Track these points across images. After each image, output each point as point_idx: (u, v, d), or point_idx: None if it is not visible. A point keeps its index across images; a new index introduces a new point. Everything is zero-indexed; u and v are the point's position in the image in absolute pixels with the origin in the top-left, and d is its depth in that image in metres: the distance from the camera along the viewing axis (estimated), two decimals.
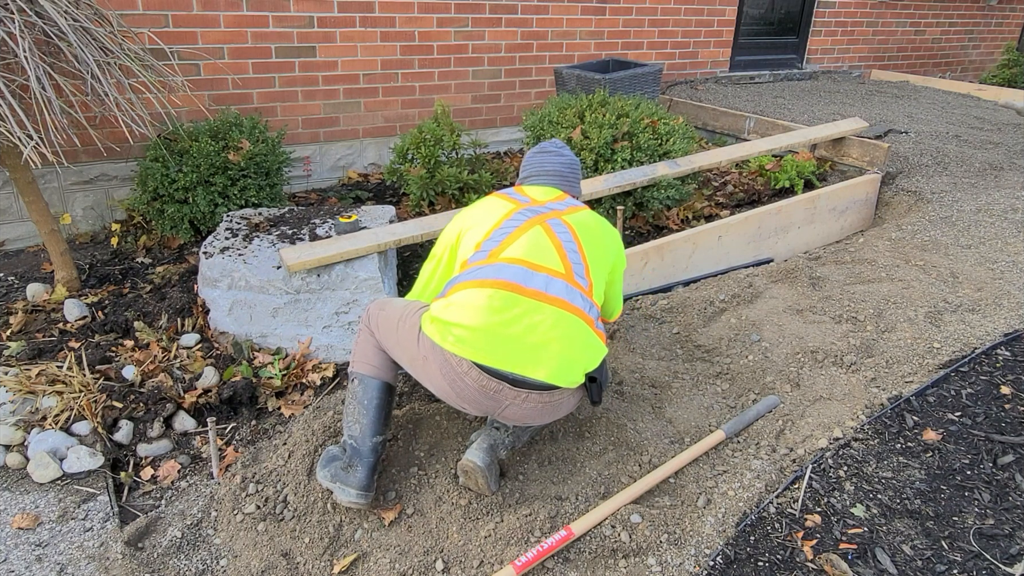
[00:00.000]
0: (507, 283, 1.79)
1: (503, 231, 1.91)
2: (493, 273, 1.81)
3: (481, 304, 1.77)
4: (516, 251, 1.86)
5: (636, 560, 1.79)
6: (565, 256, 1.88)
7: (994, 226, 3.61)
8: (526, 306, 1.77)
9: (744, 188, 4.26)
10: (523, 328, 1.76)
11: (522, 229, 1.90)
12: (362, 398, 1.99)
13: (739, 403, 2.40)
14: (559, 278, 1.84)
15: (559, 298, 1.81)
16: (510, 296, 1.77)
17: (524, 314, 1.77)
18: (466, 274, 1.86)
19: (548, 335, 1.77)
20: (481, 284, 1.80)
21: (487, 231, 1.93)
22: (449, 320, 1.78)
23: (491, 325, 1.75)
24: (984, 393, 2.35)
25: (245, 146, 3.39)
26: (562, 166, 2.17)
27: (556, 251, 1.88)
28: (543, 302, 1.79)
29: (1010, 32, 8.20)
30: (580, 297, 1.85)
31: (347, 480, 1.93)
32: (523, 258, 1.84)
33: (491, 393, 1.78)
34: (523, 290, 1.79)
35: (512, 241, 1.88)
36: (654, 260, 3.12)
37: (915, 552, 1.79)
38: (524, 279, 1.80)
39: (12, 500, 2.05)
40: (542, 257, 1.86)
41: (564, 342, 1.79)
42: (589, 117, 3.69)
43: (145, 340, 2.67)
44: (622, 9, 5.27)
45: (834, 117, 4.90)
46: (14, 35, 2.34)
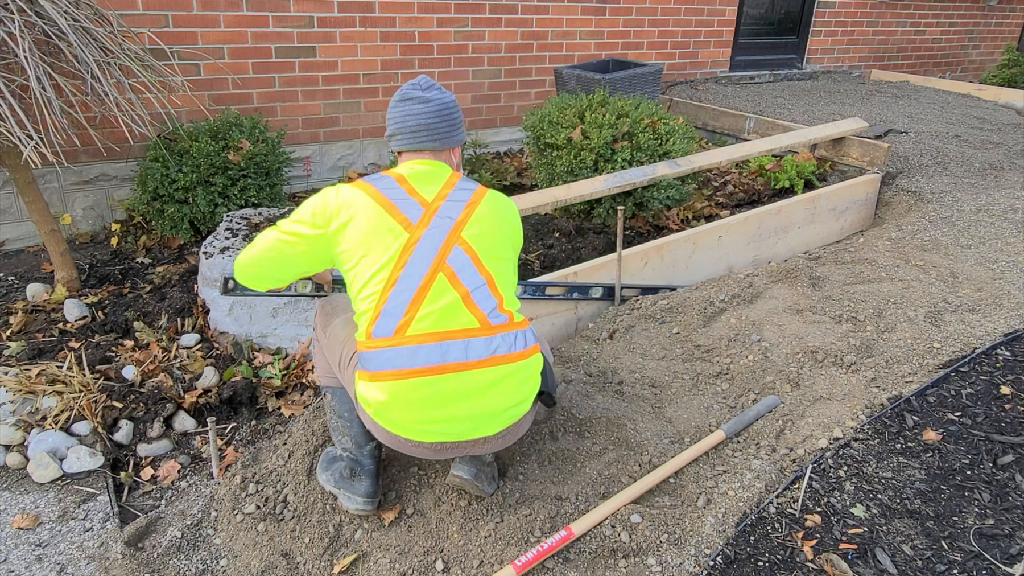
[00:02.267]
0: (425, 368, 1.64)
1: (403, 292, 1.66)
2: (408, 360, 1.64)
3: (408, 401, 1.65)
4: (424, 323, 1.66)
5: (636, 560, 1.79)
6: (474, 304, 1.70)
7: (994, 226, 3.61)
8: (452, 383, 1.66)
9: (744, 188, 4.26)
10: (456, 403, 1.67)
11: (423, 287, 1.66)
12: (340, 411, 1.94)
13: (739, 403, 2.40)
14: (475, 336, 1.68)
15: (480, 359, 1.67)
16: (432, 380, 1.65)
17: (452, 390, 1.66)
18: (380, 359, 1.66)
19: (482, 400, 1.68)
20: (399, 375, 1.64)
21: (383, 287, 1.67)
22: (379, 411, 1.69)
23: (425, 418, 1.67)
24: (984, 393, 2.35)
25: (245, 146, 3.39)
26: (431, 117, 1.83)
27: (463, 301, 1.68)
28: (467, 370, 1.66)
29: (1010, 32, 8.21)
30: (502, 341, 1.71)
31: (353, 488, 1.92)
32: (432, 329, 1.66)
33: (450, 450, 1.76)
34: (443, 368, 1.65)
35: (416, 309, 1.65)
36: (654, 260, 3.13)
37: (915, 552, 1.79)
38: (441, 355, 1.65)
39: (12, 500, 2.05)
40: (451, 319, 1.67)
41: (501, 394, 1.70)
42: (589, 117, 3.69)
43: (145, 340, 2.67)
44: (622, 9, 5.27)
45: (834, 117, 4.90)
46: (14, 35, 2.34)
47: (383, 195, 1.73)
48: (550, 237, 3.59)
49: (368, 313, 1.68)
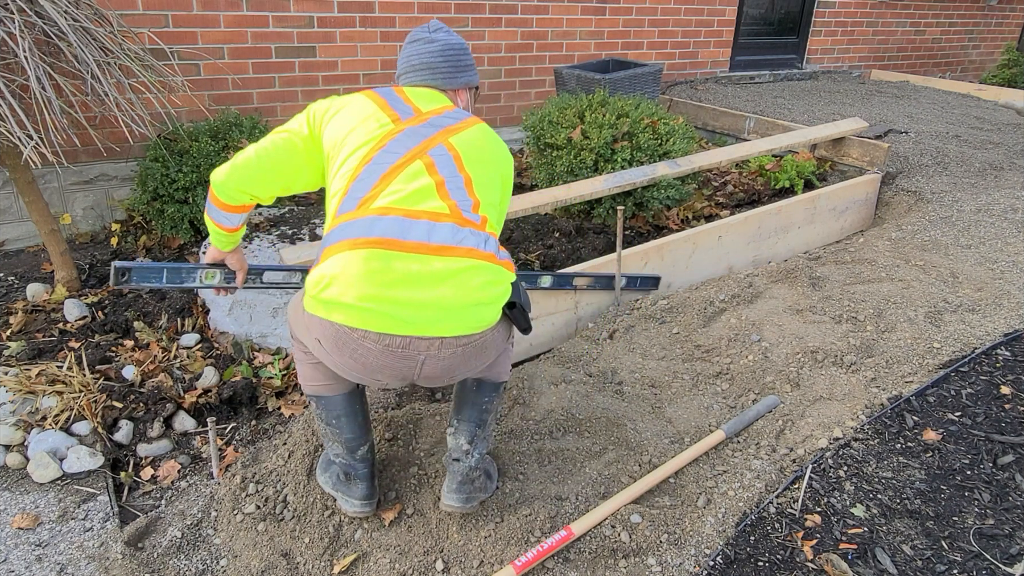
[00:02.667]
0: (382, 240, 1.54)
1: (377, 167, 1.62)
2: (365, 230, 1.55)
3: (358, 272, 1.53)
4: (390, 198, 1.59)
5: (636, 560, 1.79)
6: (448, 195, 1.63)
7: (994, 226, 3.61)
8: (408, 263, 1.54)
9: (744, 188, 4.26)
10: (410, 287, 1.54)
11: (398, 167, 1.62)
12: (327, 418, 1.88)
13: (739, 403, 2.40)
14: (444, 221, 1.59)
15: (445, 245, 1.57)
16: (388, 255, 1.53)
17: (408, 272, 1.54)
18: (336, 232, 1.59)
19: (440, 289, 1.55)
20: (354, 245, 1.54)
21: (358, 164, 1.63)
22: (328, 299, 1.55)
23: (373, 295, 1.53)
24: (984, 393, 2.35)
25: (245, 146, 3.39)
26: (434, 56, 1.82)
27: (437, 190, 1.62)
28: (427, 254, 1.55)
29: (1010, 32, 8.21)
30: (471, 235, 1.61)
31: (349, 492, 1.91)
32: (398, 205, 1.58)
33: (399, 351, 1.57)
34: (402, 244, 1.54)
35: (386, 184, 1.60)
36: (654, 260, 3.13)
37: (915, 552, 1.79)
38: (401, 231, 1.55)
39: (12, 500, 2.05)
40: (421, 200, 1.60)
41: (461, 289, 1.57)
42: (589, 117, 3.69)
43: (145, 340, 2.67)
44: (622, 9, 5.27)
45: (834, 117, 4.90)
46: (14, 35, 2.34)
47: (378, 95, 1.76)
48: (550, 237, 3.59)
49: (338, 194, 1.64)
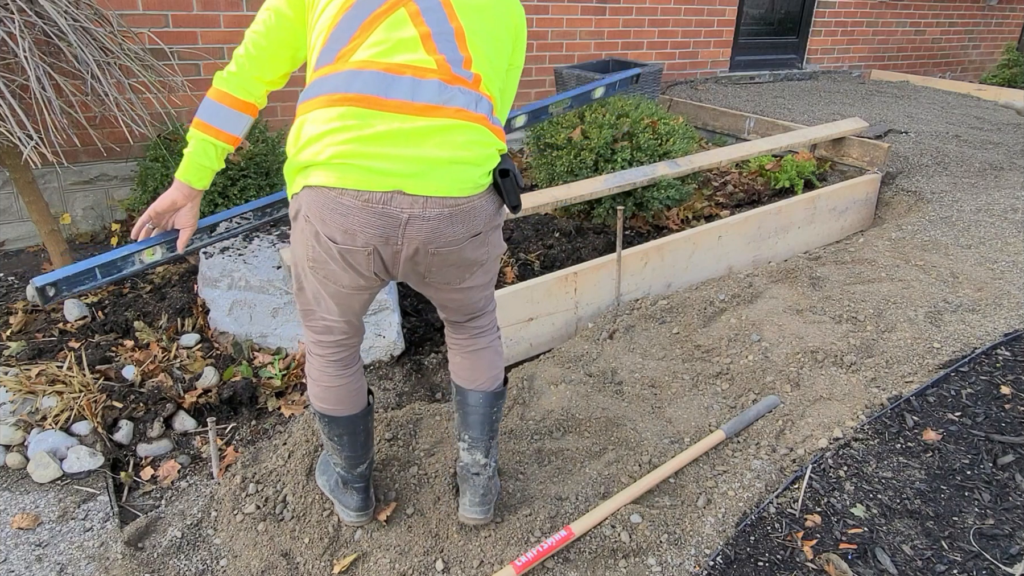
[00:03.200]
0: (361, 97, 1.41)
1: (356, 15, 1.47)
2: (343, 85, 1.43)
3: (333, 129, 1.42)
4: (371, 51, 1.45)
5: (636, 560, 1.79)
6: (435, 48, 1.47)
7: (994, 226, 3.61)
8: (390, 122, 1.42)
9: (744, 188, 4.26)
10: (390, 144, 1.42)
11: (379, 15, 1.47)
12: (330, 434, 1.82)
13: (739, 403, 2.40)
14: (430, 77, 1.45)
15: (430, 105, 1.43)
16: (367, 113, 1.42)
17: (388, 130, 1.42)
18: (313, 87, 1.48)
19: (423, 147, 1.44)
20: (330, 102, 1.43)
21: (336, 11, 1.49)
22: (305, 161, 1.45)
23: (350, 152, 1.41)
24: (984, 393, 2.35)
25: (245, 146, 3.39)
26: None
27: (423, 42, 1.47)
28: (409, 114, 1.43)
29: (1010, 32, 8.21)
30: (460, 93, 1.47)
31: (344, 501, 1.90)
32: (379, 59, 1.44)
33: (380, 207, 1.42)
34: (382, 103, 1.42)
35: (365, 36, 1.46)
36: (654, 260, 3.13)
37: (915, 552, 1.79)
38: (383, 88, 1.42)
39: (12, 500, 2.05)
40: (403, 52, 1.45)
41: (444, 147, 1.45)
42: (589, 117, 3.69)
43: (145, 340, 2.67)
44: (622, 9, 5.27)
45: (834, 117, 4.91)
46: (14, 35, 2.34)
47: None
48: (550, 237, 3.59)
49: (316, 46, 1.52)
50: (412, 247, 1.49)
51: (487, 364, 1.87)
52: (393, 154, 1.41)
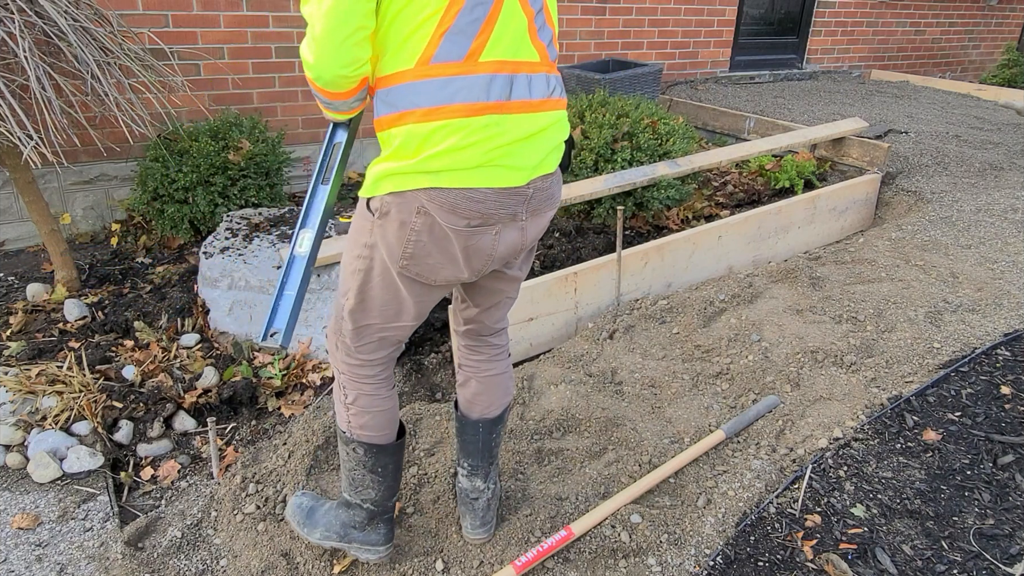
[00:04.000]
0: (498, 104, 1.39)
1: (479, 4, 1.36)
2: (482, 92, 1.37)
3: (478, 140, 1.39)
4: (498, 48, 1.39)
5: (636, 560, 1.79)
6: (536, 35, 1.46)
7: (994, 226, 3.61)
8: (519, 123, 1.43)
9: (744, 188, 4.26)
10: (524, 145, 1.45)
11: (496, 5, 1.38)
12: (374, 466, 1.70)
13: (739, 403, 2.40)
14: (538, 72, 1.46)
15: (544, 100, 1.47)
16: (502, 119, 1.41)
17: (521, 134, 1.44)
18: (441, 90, 1.36)
19: (545, 142, 1.50)
20: (471, 111, 1.37)
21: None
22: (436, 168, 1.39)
23: (492, 159, 1.41)
24: (984, 393, 2.35)
25: (245, 146, 3.39)
26: None
27: (528, 30, 1.44)
28: (531, 112, 1.45)
29: (1010, 32, 8.21)
30: (557, 83, 1.53)
31: (369, 539, 1.77)
32: (506, 57, 1.40)
33: (514, 193, 1.45)
34: (510, 106, 1.41)
35: (491, 28, 1.38)
36: (654, 260, 3.13)
37: (915, 552, 1.79)
38: (509, 90, 1.41)
39: (12, 500, 2.05)
40: (520, 48, 1.43)
41: (557, 135, 1.53)
42: (589, 117, 3.69)
43: (145, 340, 2.67)
44: (622, 9, 5.27)
45: (834, 117, 4.91)
46: (14, 35, 2.34)
47: None
48: (550, 237, 3.59)
49: (420, 36, 1.35)
50: (531, 221, 1.54)
51: (503, 391, 1.84)
52: (527, 153, 1.45)
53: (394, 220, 1.44)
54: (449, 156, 1.38)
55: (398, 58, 1.37)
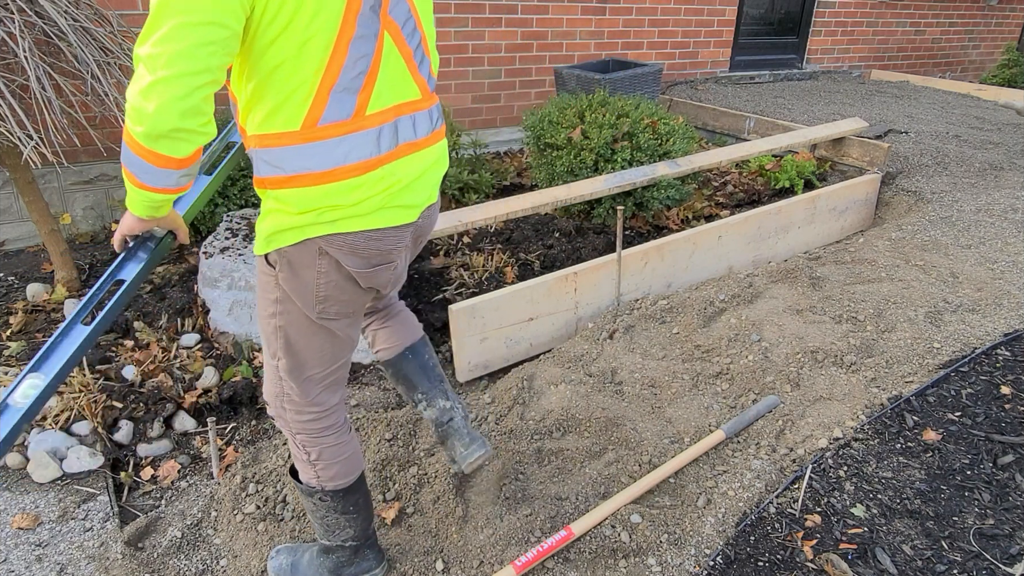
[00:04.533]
0: (387, 155, 1.37)
1: (361, 57, 1.30)
2: (372, 148, 1.34)
3: (371, 194, 1.37)
4: (383, 97, 1.35)
5: (636, 560, 1.79)
6: (416, 70, 1.43)
7: (994, 226, 3.61)
8: (410, 164, 1.44)
9: (744, 188, 4.26)
10: (415, 183, 1.45)
11: (378, 50, 1.33)
12: (345, 507, 1.65)
13: (739, 403, 2.40)
14: (422, 109, 1.45)
15: (428, 136, 1.48)
16: (394, 166, 1.40)
17: (413, 174, 1.44)
18: (329, 153, 1.30)
19: (433, 175, 1.52)
20: (363, 169, 1.34)
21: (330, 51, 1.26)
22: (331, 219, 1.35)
23: (386, 203, 1.41)
24: (984, 393, 2.35)
25: None
26: None
27: (409, 70, 1.41)
28: (420, 150, 1.46)
29: (1010, 32, 8.20)
30: (438, 112, 1.53)
31: (364, 568, 1.75)
32: (391, 103, 1.37)
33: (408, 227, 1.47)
34: (399, 150, 1.40)
35: (374, 79, 1.33)
36: (654, 260, 3.12)
37: (915, 552, 1.79)
38: (396, 135, 1.39)
39: (12, 500, 2.05)
40: (402, 90, 1.40)
41: (442, 165, 1.56)
42: (589, 117, 3.69)
43: (145, 340, 2.67)
44: (622, 9, 5.27)
45: (834, 117, 4.90)
46: (14, 35, 2.34)
47: None
48: (550, 237, 3.59)
49: (302, 95, 1.27)
50: (416, 244, 1.60)
51: (411, 320, 1.93)
52: (420, 190, 1.47)
53: (298, 269, 1.40)
54: (345, 210, 1.35)
55: (279, 117, 1.29)
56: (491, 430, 2.27)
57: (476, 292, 3.05)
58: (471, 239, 3.60)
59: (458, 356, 2.68)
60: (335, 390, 1.61)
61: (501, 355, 2.78)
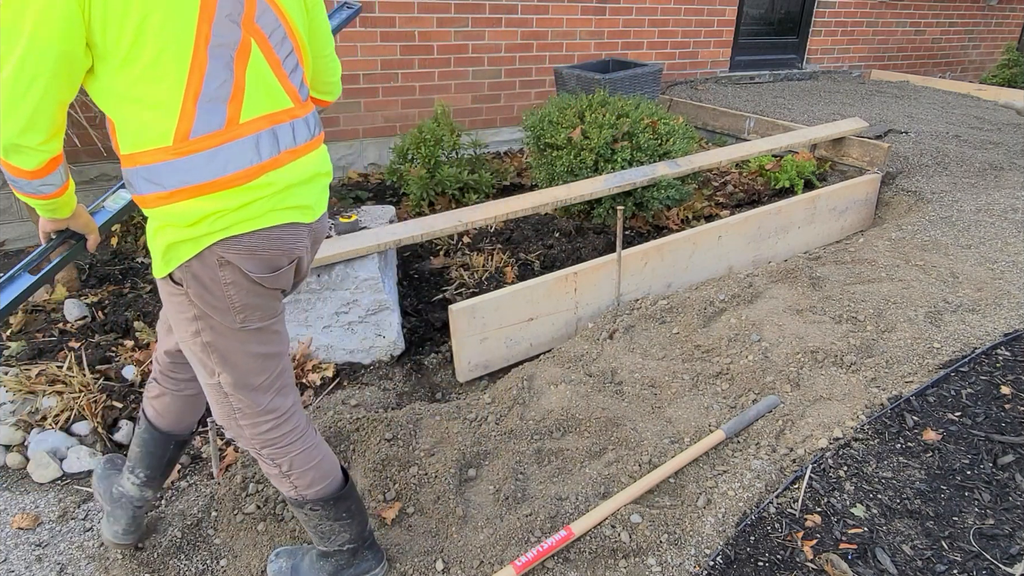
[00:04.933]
0: (267, 163, 1.36)
1: (224, 66, 1.29)
2: (253, 154, 1.34)
3: (249, 201, 1.36)
4: (256, 105, 1.35)
5: (636, 560, 1.79)
6: (287, 78, 1.42)
7: (994, 226, 3.61)
8: (291, 171, 1.42)
9: (744, 188, 4.26)
10: (298, 189, 1.44)
11: (241, 56, 1.31)
12: (337, 514, 1.65)
13: (739, 403, 2.40)
14: (298, 117, 1.44)
15: (306, 143, 1.46)
16: (273, 175, 1.38)
17: (294, 182, 1.43)
18: (205, 165, 1.29)
19: (316, 184, 1.50)
20: (247, 176, 1.33)
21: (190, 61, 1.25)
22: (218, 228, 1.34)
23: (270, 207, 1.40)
24: (984, 393, 2.35)
25: None
26: None
27: (278, 78, 1.40)
28: (299, 158, 1.44)
29: (1010, 32, 8.21)
30: (314, 120, 1.51)
31: (364, 569, 1.73)
32: (264, 113, 1.36)
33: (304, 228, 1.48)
34: (279, 159, 1.39)
35: (242, 86, 1.32)
36: (654, 260, 3.13)
37: (915, 552, 1.79)
38: (275, 143, 1.38)
39: (12, 500, 2.05)
40: (275, 99, 1.39)
41: (324, 174, 1.53)
42: (589, 117, 3.69)
43: (145, 340, 2.67)
44: (622, 9, 5.27)
45: (834, 117, 4.90)
46: None
47: None
48: (550, 237, 3.59)
49: (168, 109, 1.25)
50: (314, 239, 1.56)
51: (197, 409, 1.80)
52: (307, 194, 1.46)
53: (206, 283, 1.37)
54: (235, 213, 1.34)
55: (148, 134, 1.28)
56: (491, 430, 2.27)
57: (476, 292, 3.05)
58: (471, 239, 3.61)
59: (458, 356, 2.68)
60: (286, 393, 1.57)
61: (501, 355, 2.79)
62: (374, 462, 2.10)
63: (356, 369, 2.70)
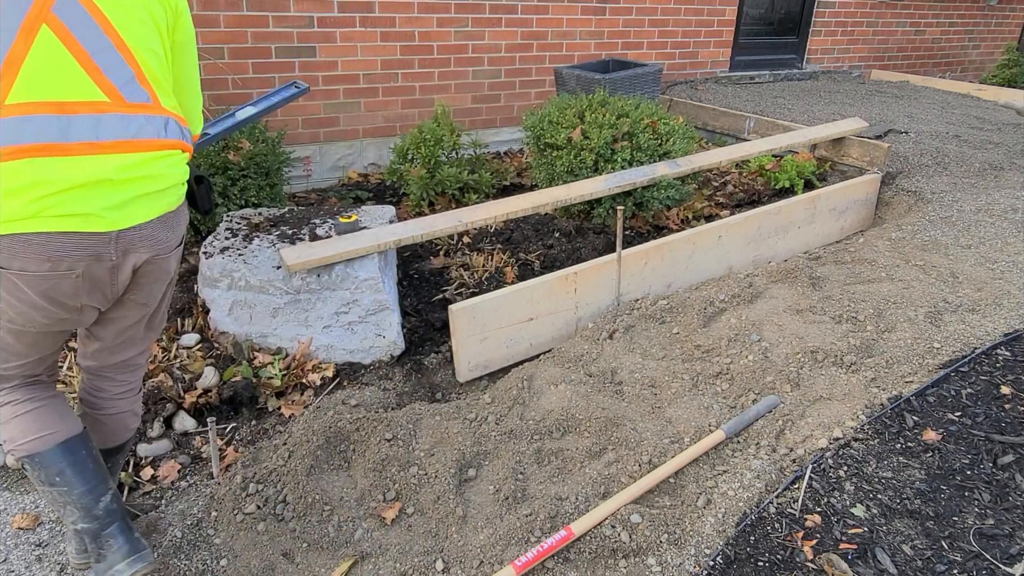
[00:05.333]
0: (38, 147, 1.29)
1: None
2: (12, 136, 1.27)
3: (19, 185, 1.29)
4: (35, 89, 1.30)
5: (636, 560, 1.79)
6: (98, 69, 1.36)
7: (994, 226, 3.61)
8: (78, 166, 1.33)
9: (744, 188, 4.26)
10: (93, 191, 1.35)
11: (23, 41, 1.30)
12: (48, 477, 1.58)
13: (739, 403, 2.40)
14: (109, 111, 1.37)
15: (117, 141, 1.37)
16: (54, 162, 1.30)
17: (82, 180, 1.33)
18: None
19: (127, 190, 1.39)
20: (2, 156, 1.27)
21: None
22: None
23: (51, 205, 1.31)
24: (984, 393, 2.35)
25: (245, 146, 3.39)
26: None
27: (84, 66, 1.35)
28: (100, 154, 1.35)
29: (1010, 32, 8.21)
30: (147, 122, 1.43)
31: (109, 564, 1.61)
32: (48, 99, 1.31)
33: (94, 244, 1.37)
34: (66, 149, 1.31)
35: (16, 68, 1.29)
36: (654, 260, 3.13)
37: (915, 552, 1.79)
38: (61, 133, 1.31)
39: (12, 500, 2.05)
40: (74, 88, 1.34)
41: (147, 182, 1.42)
42: (589, 117, 3.69)
43: None
44: (622, 9, 5.27)
45: (834, 117, 4.91)
46: None
47: None
48: (550, 237, 3.59)
49: None
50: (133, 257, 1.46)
51: (122, 428, 1.77)
52: (94, 199, 1.36)
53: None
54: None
55: None
56: (491, 430, 2.27)
57: (476, 292, 3.05)
58: (471, 239, 3.61)
59: (458, 356, 2.68)
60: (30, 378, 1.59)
61: (501, 355, 2.79)
62: (374, 462, 2.10)
63: (356, 369, 2.70)
